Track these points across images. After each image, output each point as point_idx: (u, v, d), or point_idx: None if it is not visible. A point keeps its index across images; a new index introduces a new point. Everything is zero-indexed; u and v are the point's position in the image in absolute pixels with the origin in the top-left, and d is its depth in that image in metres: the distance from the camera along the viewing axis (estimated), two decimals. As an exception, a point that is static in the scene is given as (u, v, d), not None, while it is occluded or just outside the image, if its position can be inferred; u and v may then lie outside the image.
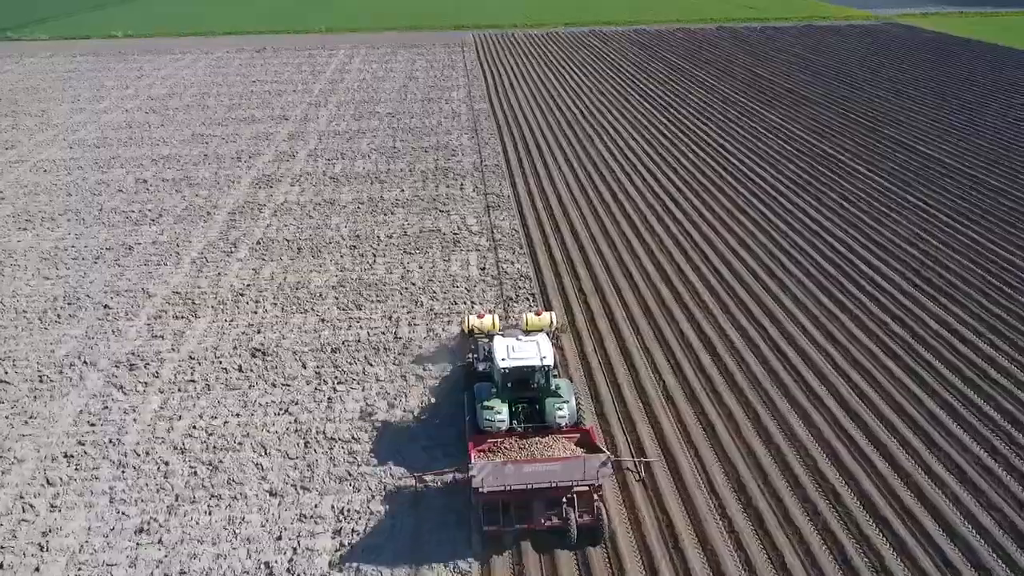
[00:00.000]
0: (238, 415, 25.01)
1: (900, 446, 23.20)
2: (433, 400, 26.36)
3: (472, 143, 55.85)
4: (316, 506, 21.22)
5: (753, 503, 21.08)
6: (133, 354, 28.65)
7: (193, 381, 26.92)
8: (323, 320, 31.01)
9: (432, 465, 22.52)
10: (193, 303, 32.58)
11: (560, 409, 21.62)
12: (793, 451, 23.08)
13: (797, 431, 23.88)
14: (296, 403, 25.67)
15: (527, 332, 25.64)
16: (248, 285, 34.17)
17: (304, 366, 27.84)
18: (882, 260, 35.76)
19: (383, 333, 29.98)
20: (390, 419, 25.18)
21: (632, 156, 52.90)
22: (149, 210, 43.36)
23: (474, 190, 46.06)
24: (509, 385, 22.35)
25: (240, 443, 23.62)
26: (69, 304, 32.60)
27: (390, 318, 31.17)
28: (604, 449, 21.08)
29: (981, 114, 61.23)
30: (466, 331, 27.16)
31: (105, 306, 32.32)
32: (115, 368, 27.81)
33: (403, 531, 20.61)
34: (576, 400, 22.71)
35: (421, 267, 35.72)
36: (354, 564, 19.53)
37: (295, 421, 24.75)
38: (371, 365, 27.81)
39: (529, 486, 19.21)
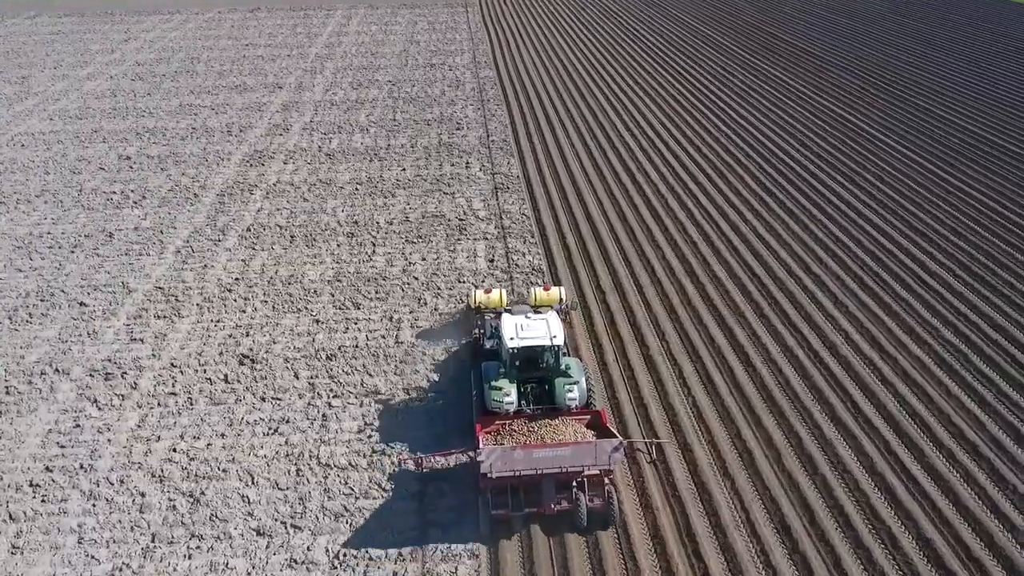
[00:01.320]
0: (223, 435, 22.61)
1: (963, 481, 20.65)
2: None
3: (478, 115, 52.39)
4: (308, 548, 18.88)
5: (800, 548, 18.79)
6: (110, 360, 26.14)
7: (174, 394, 24.47)
8: (318, 321, 28.40)
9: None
10: (176, 300, 29.93)
11: (571, 391, 20.90)
12: (841, 484, 20.57)
13: (845, 459, 21.32)
14: (287, 421, 23.24)
15: (535, 308, 25.08)
16: (236, 279, 31.45)
17: (296, 376, 25.35)
18: (926, 252, 32.83)
19: (383, 337, 27.41)
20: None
21: (648, 130, 49.47)
22: (132, 191, 40.40)
23: (481, 169, 42.93)
24: (517, 364, 21.60)
25: (224, 470, 21.26)
26: (42, 300, 30.00)
27: (391, 319, 28.54)
28: (616, 432, 20.22)
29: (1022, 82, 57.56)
30: (473, 306, 26.34)
31: (81, 303, 29.70)
32: (89, 377, 25.34)
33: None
34: (587, 380, 22.01)
35: (424, 259, 32.94)
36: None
37: (286, 443, 22.34)
38: (370, 375, 25.30)
39: (539, 471, 18.82)
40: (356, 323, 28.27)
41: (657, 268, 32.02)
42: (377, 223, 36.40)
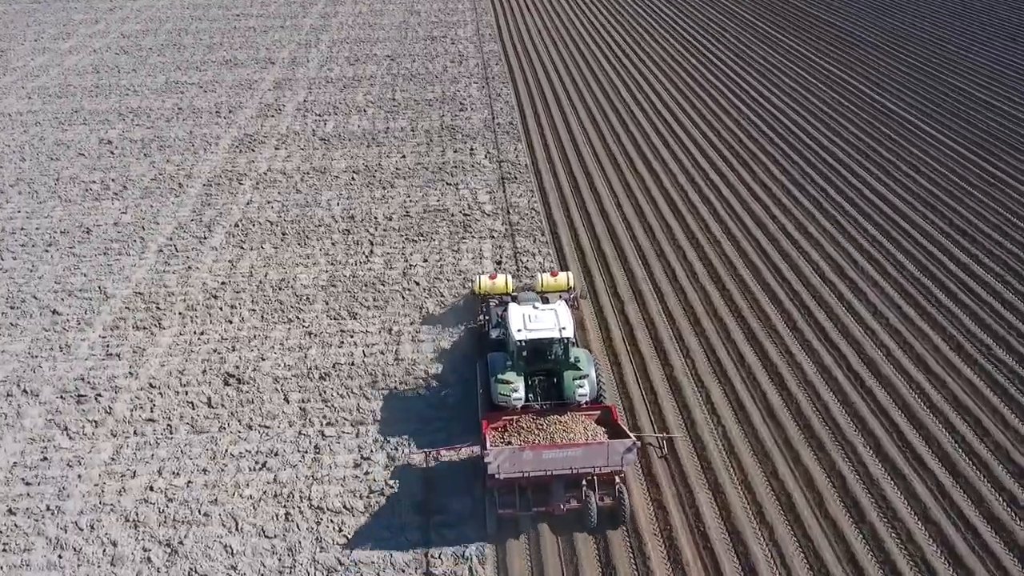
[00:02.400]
0: (205, 471, 20.58)
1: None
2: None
3: (482, 94, 49.47)
4: (298, 610, 17.21)
5: (848, 613, 16.93)
6: (83, 379, 24.01)
7: (152, 420, 22.39)
8: (310, 333, 26.20)
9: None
10: (157, 308, 27.71)
11: (581, 386, 20.30)
12: (892, 534, 18.49)
13: (895, 504, 19.21)
14: (276, 454, 21.18)
15: (542, 295, 24.84)
16: (223, 283, 29.17)
17: (286, 399, 23.24)
18: (970, 255, 30.36)
19: (382, 353, 25.22)
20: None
21: (664, 111, 46.54)
22: (112, 180, 37.91)
23: (486, 156, 40.27)
24: (525, 357, 20.92)
25: (206, 514, 19.25)
26: (12, 308, 27.75)
27: (390, 331, 26.31)
28: (627, 430, 19.69)
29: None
30: (477, 293, 25.67)
31: (54, 311, 27.48)
32: (60, 400, 23.24)
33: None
34: (596, 372, 21.42)
35: (426, 260, 30.59)
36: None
37: (274, 480, 20.27)
38: (367, 399, 23.17)
39: (548, 473, 18.40)
40: (352, 336, 26.07)
41: (679, 272, 29.67)
42: (375, 218, 33.97)
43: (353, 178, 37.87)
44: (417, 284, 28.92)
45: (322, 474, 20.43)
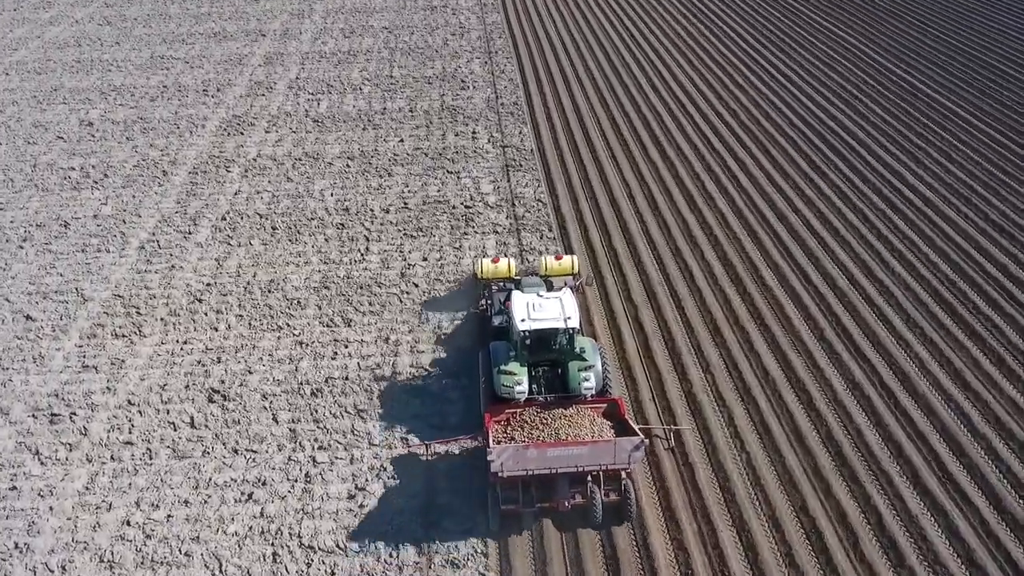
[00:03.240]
0: (186, 503, 19.08)
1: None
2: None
3: (485, 71, 46.99)
4: (287, 666, 15.94)
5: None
6: (57, 396, 22.44)
7: (131, 443, 20.84)
8: (301, 343, 24.54)
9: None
10: (138, 312, 26.04)
11: (587, 380, 19.73)
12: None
13: (936, 546, 17.72)
14: (263, 483, 19.66)
15: (546, 279, 24.40)
16: (208, 285, 27.44)
17: (275, 419, 21.70)
18: (1009, 254, 28.32)
19: (378, 366, 23.54)
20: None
21: (679, 91, 44.06)
22: (93, 167, 35.92)
23: (489, 140, 38.14)
24: (528, 344, 20.41)
25: (187, 553, 17.80)
26: (-17, 312, 26.35)
27: (387, 340, 24.67)
28: (635, 425, 19.22)
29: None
30: (479, 277, 24.93)
31: (28, 317, 25.79)
32: (32, 419, 21.68)
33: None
34: (602, 361, 20.79)
35: (426, 259, 28.77)
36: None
37: (261, 514, 18.79)
38: (362, 419, 21.55)
39: (553, 471, 18.05)
40: (346, 346, 24.43)
41: (696, 272, 27.87)
42: (371, 210, 32.06)
43: (348, 165, 35.83)
44: (416, 286, 27.18)
45: (313, 507, 18.95)
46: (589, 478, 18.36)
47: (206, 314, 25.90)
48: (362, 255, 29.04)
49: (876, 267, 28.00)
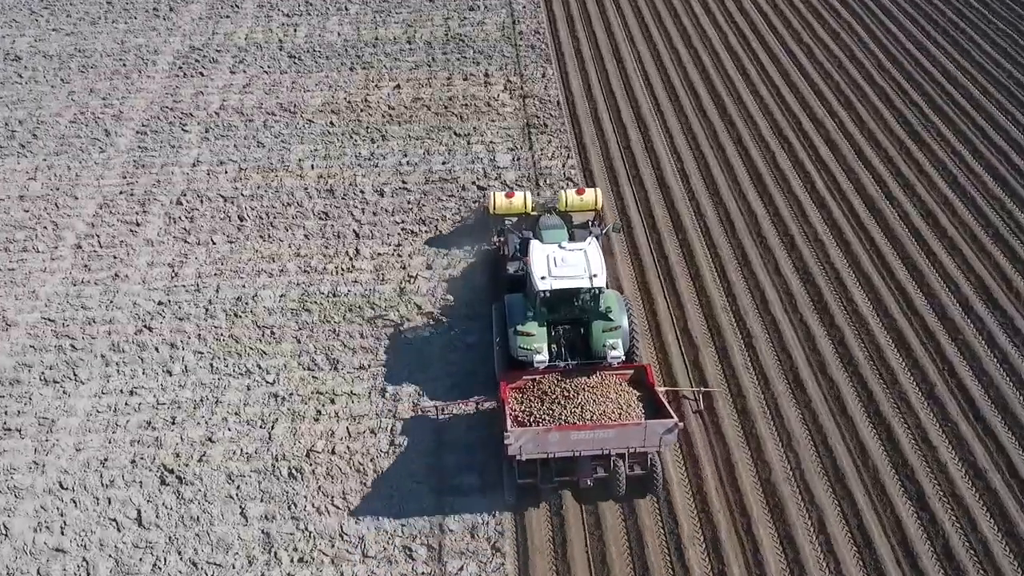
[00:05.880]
0: (132, 646, 15.74)
1: None
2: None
3: (498, -18, 39.50)
4: None
5: None
6: (-30, 474, 18.67)
7: (61, 551, 16.86)
8: (276, 396, 20.02)
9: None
10: (73, 346, 21.39)
11: (614, 347, 18.48)
12: None
13: None
14: (230, 615, 16.23)
15: (566, 215, 22.72)
16: (160, 304, 22.65)
17: (244, 513, 17.61)
18: None
19: (372, 432, 19.31)
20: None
21: (740, 18, 36.68)
22: (20, 122, 29.96)
23: (505, 87, 31.77)
24: (548, 305, 19.15)
25: None
26: None
27: (383, 393, 20.27)
28: (667, 403, 17.87)
29: None
30: (492, 213, 23.35)
31: (-65, 350, 21.56)
32: (-60, 510, 18.03)
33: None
34: (629, 320, 19.43)
35: (430, 267, 23.80)
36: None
37: (227, 666, 15.53)
38: (353, 517, 17.54)
39: (577, 453, 17.16)
40: (332, 400, 19.96)
41: (769, 294, 22.66)
42: (362, 192, 26.58)
43: (332, 123, 29.83)
44: (418, 307, 22.44)
45: (292, 656, 15.57)
46: (613, 454, 17.60)
47: (157, 349, 21.37)
48: (350, 260, 23.99)
49: (1001, 293, 22.91)
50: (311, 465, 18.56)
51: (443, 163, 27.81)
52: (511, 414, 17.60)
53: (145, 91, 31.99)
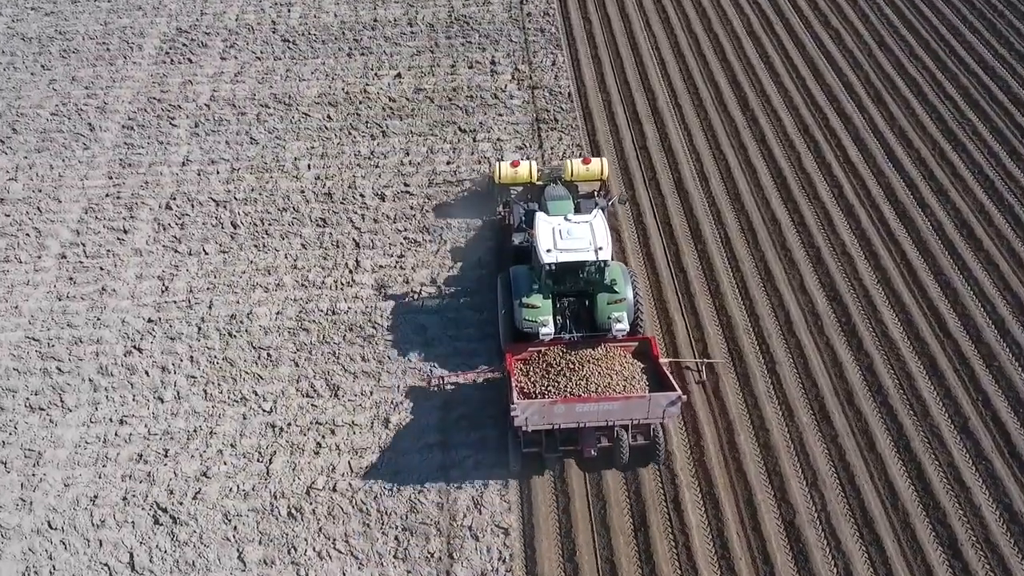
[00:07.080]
0: None
1: None
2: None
3: (505, -44, 37.45)
4: None
5: None
6: (-45, 512, 18.06)
7: (52, 599, 16.71)
8: (273, 427, 19.31)
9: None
10: (59, 369, 20.62)
11: (619, 320, 19.02)
12: None
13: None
14: (228, 671, 15.72)
15: (571, 184, 23.36)
16: (150, 322, 21.76)
17: (241, 558, 16.97)
18: None
19: (374, 467, 18.70)
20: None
21: (770, 9, 35.07)
22: (-2, 115, 28.88)
23: (513, 77, 30.27)
24: (553, 278, 19.70)
25: None
26: None
27: (386, 423, 19.51)
28: (671, 377, 18.19)
29: None
30: (497, 183, 23.65)
31: (-85, 372, 20.73)
32: (-77, 551, 17.50)
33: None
34: (634, 291, 19.87)
35: (434, 280, 22.80)
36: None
37: None
38: (357, 562, 16.86)
39: (582, 425, 17.88)
40: (333, 431, 19.28)
41: (793, 314, 21.68)
42: (361, 196, 25.44)
43: (329, 117, 28.50)
44: (424, 329, 21.57)
45: None
46: (617, 425, 18.33)
47: (147, 372, 20.57)
48: (350, 273, 23.03)
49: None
50: (311, 503, 17.91)
51: (447, 163, 26.58)
52: (517, 386, 18.11)
53: (131, 79, 30.53)
